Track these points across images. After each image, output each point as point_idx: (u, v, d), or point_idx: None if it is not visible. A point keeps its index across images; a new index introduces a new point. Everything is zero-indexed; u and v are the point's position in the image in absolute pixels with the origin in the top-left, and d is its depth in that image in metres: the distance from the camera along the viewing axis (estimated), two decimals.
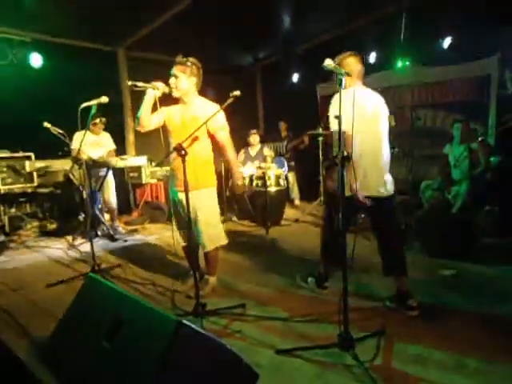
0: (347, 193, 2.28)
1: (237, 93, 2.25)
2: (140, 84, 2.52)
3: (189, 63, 2.62)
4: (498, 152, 4.37)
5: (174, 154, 2.52)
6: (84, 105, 3.04)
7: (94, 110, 3.09)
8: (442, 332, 2.20)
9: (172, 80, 2.62)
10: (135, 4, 4.67)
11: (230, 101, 2.27)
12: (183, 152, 2.26)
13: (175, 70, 2.61)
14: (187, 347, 1.29)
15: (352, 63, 2.50)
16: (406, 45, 5.78)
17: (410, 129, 6.14)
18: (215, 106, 2.64)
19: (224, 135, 2.73)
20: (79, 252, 4.24)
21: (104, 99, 3.08)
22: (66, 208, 5.41)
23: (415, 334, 2.17)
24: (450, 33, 5.44)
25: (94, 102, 3.06)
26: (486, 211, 3.97)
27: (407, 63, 6.23)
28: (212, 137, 2.74)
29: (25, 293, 3.03)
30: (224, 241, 2.83)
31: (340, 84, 1.89)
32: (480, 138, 4.26)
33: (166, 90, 2.61)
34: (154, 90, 2.57)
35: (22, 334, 2.28)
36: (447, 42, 5.52)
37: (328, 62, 2.00)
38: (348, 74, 2.01)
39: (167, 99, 2.72)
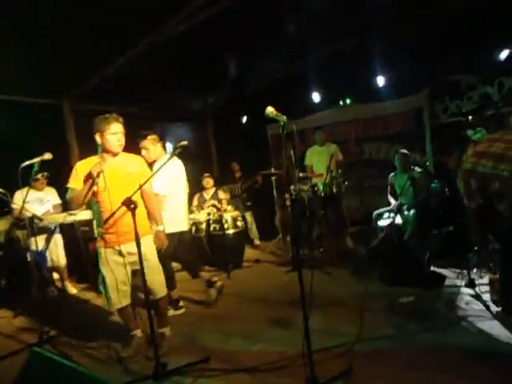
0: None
1: (184, 143, 2.27)
2: (94, 180, 2.47)
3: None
4: (438, 178, 4.67)
5: (107, 209, 2.52)
6: (26, 163, 2.92)
7: (36, 168, 2.97)
8: (406, 362, 2.21)
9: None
10: (79, 56, 4.66)
11: (178, 151, 2.28)
12: (133, 205, 2.21)
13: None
14: None
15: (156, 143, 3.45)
16: (346, 84, 6.20)
17: (356, 162, 6.50)
18: (138, 158, 2.83)
19: (149, 186, 2.79)
20: (27, 319, 3.89)
21: (48, 156, 2.98)
22: (9, 271, 5.01)
23: (381, 367, 2.17)
24: (384, 71, 5.91)
25: (36, 160, 2.95)
26: (434, 235, 4.17)
27: (348, 101, 6.65)
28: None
29: None
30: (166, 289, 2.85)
31: (283, 130, 1.97)
32: (421, 166, 4.56)
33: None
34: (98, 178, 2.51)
35: None
36: (381, 80, 5.98)
37: (270, 110, 2.09)
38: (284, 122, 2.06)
39: None
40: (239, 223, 5.10)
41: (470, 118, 3.13)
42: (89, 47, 4.49)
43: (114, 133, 2.56)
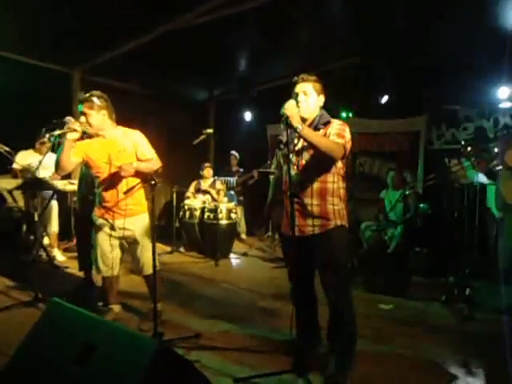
0: None
1: (210, 130, 2.43)
2: (57, 132, 2.51)
3: (94, 98, 2.61)
4: (426, 200, 4.94)
5: (105, 179, 2.63)
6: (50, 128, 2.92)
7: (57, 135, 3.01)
8: (380, 361, 2.43)
9: (82, 119, 2.59)
10: (98, 30, 4.73)
11: (202, 137, 2.44)
12: (153, 182, 2.34)
13: (83, 108, 2.59)
14: (166, 371, 1.34)
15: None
16: (349, 98, 6.42)
17: (351, 173, 6.72)
18: (137, 133, 2.76)
19: (155, 161, 2.74)
20: (12, 278, 3.94)
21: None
22: None
23: (359, 359, 2.29)
24: (387, 91, 6.15)
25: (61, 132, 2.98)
26: (417, 252, 4.43)
27: (350, 114, 6.87)
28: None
29: None
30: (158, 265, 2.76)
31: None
32: (411, 187, 4.81)
33: (85, 128, 2.59)
34: (72, 133, 2.49)
35: None
36: (385, 98, 6.22)
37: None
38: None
39: None
40: (233, 215, 5.25)
41: (469, 149, 3.36)
42: (107, 23, 4.58)
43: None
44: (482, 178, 3.49)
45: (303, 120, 2.23)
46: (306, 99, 2.26)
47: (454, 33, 4.47)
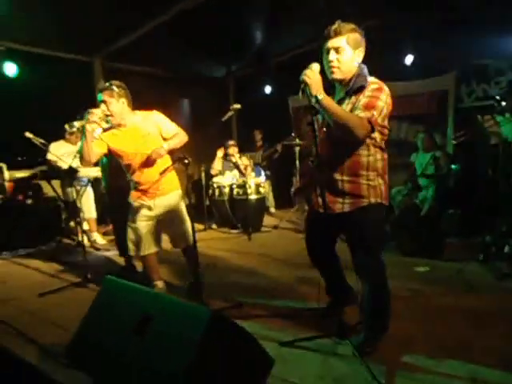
0: None
1: (237, 106, 2.42)
2: (77, 124, 2.60)
3: (113, 87, 2.69)
4: (456, 161, 4.81)
5: (137, 165, 2.75)
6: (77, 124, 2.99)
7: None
8: (422, 317, 2.49)
9: (103, 107, 2.66)
10: (113, 15, 4.76)
11: (230, 113, 2.44)
12: (187, 161, 2.41)
13: (103, 97, 2.66)
14: (221, 337, 1.43)
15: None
16: (373, 60, 6.21)
17: None
18: (154, 113, 2.82)
19: (182, 135, 2.83)
20: (60, 262, 4.20)
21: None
22: (38, 219, 5.30)
23: (400, 319, 2.37)
24: (412, 51, 5.91)
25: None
26: (450, 214, 4.37)
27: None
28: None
29: (17, 303, 3.00)
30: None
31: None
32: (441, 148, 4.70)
33: (105, 118, 2.65)
34: (92, 125, 2.57)
35: (27, 342, 2.30)
36: (409, 59, 5.99)
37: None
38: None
39: None
40: (262, 189, 5.31)
41: (504, 103, 3.21)
42: (123, 6, 4.58)
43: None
44: None
45: (339, 82, 1.98)
46: (339, 58, 1.92)
47: None
